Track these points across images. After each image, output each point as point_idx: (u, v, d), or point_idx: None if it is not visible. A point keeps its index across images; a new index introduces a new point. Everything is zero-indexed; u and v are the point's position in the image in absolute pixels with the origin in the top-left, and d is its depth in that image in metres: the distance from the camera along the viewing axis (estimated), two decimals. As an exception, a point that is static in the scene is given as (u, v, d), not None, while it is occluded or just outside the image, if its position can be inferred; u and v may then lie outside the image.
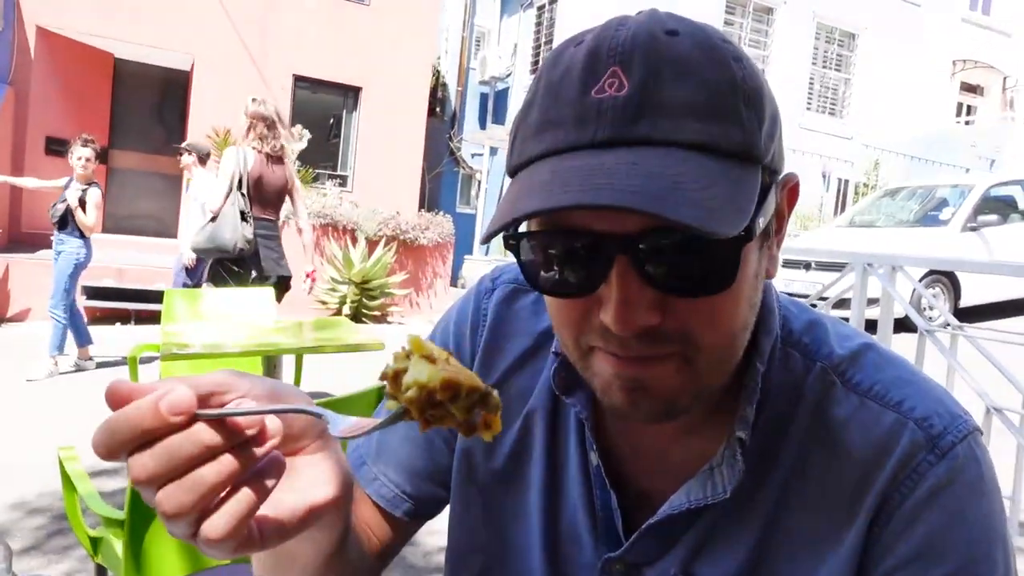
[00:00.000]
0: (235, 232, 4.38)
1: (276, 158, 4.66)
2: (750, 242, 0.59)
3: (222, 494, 0.48)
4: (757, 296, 0.66)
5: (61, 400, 5.29)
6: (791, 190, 0.69)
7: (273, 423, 0.50)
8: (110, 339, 7.13)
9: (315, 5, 10.84)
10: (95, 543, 2.09)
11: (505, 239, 0.64)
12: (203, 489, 0.47)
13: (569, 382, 0.74)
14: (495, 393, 0.52)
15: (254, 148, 4.58)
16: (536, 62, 15.10)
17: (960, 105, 15.97)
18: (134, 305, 8.26)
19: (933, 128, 14.23)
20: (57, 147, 9.65)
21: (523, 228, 0.64)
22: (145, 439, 0.46)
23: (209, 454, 0.47)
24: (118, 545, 1.97)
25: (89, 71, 10.42)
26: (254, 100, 4.68)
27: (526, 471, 0.82)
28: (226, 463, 0.47)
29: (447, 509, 0.90)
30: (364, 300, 9.43)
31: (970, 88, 15.92)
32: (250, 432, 0.48)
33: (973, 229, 9.09)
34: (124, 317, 8.31)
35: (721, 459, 0.69)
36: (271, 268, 4.61)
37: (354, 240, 9.80)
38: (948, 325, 3.85)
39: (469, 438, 0.51)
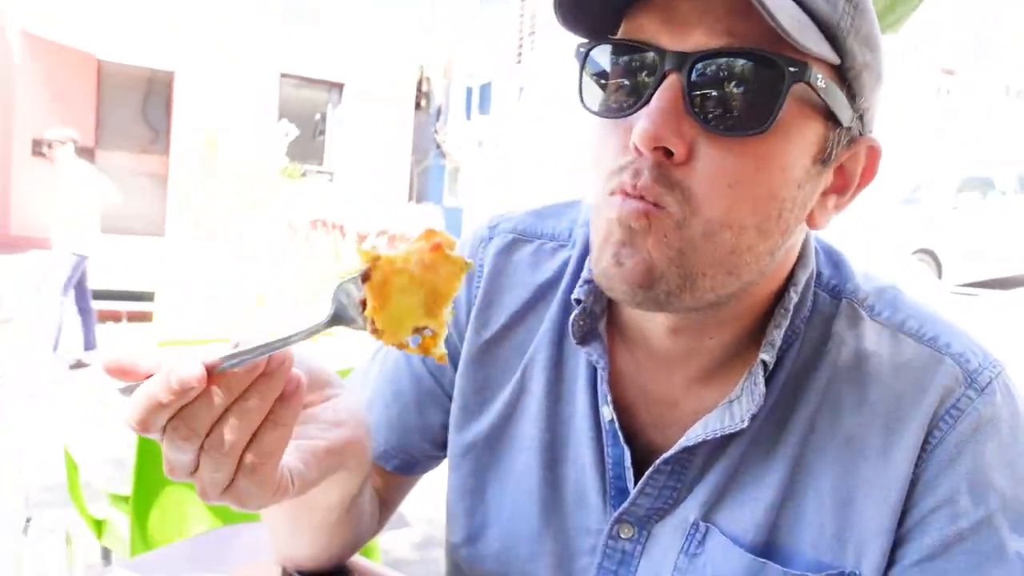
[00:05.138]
0: None
1: None
2: (800, 83, 0.57)
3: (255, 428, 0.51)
4: (791, 213, 0.62)
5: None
6: (870, 155, 0.66)
7: (276, 356, 0.51)
8: (104, 339, 7.15)
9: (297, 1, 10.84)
10: (99, 525, 2.16)
11: (576, 48, 0.65)
12: (239, 429, 0.50)
13: (587, 330, 0.72)
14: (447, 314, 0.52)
15: None
16: (519, 54, 15.13)
17: (939, 88, 16.12)
18: (126, 305, 8.27)
19: (913, 109, 14.37)
20: (43, 148, 9.65)
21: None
22: (172, 412, 0.49)
23: (231, 401, 0.50)
24: (122, 526, 2.04)
25: (74, 73, 10.40)
26: None
27: (519, 428, 0.79)
28: (249, 403, 0.50)
29: None
30: (355, 294, 9.48)
31: (947, 71, 16.08)
32: (257, 373, 0.50)
33: (954, 208, 9.25)
34: (115, 317, 8.33)
35: (740, 391, 0.67)
36: None
37: (343, 234, 9.84)
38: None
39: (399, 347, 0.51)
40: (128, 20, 9.84)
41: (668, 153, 0.58)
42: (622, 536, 0.73)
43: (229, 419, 0.50)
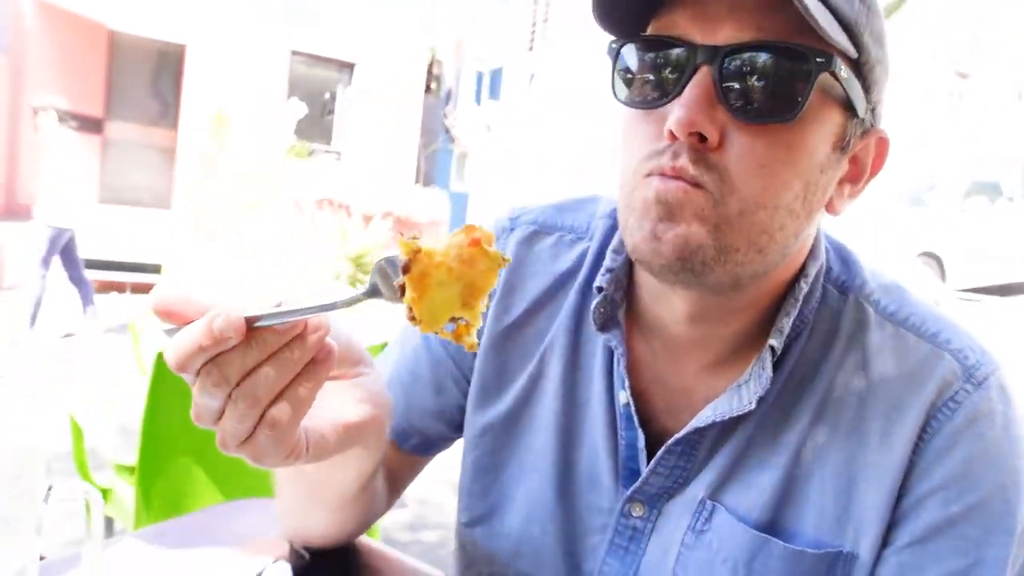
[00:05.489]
0: None
1: None
2: (826, 72, 0.61)
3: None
4: (814, 196, 0.66)
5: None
6: (879, 149, 0.71)
7: (313, 322, 0.53)
8: (106, 309, 7.18)
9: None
10: (104, 494, 2.18)
11: (609, 45, 0.69)
12: (271, 380, 0.52)
13: (607, 317, 0.76)
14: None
15: None
16: (532, 40, 15.04)
17: (951, 92, 16.02)
18: (130, 276, 8.29)
19: (924, 112, 14.28)
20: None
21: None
22: (209, 356, 0.51)
23: (266, 356, 0.52)
24: (127, 495, 2.07)
25: (85, 43, 10.36)
26: None
27: (536, 411, 0.82)
28: (284, 359, 0.52)
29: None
30: (359, 275, 9.49)
31: (961, 75, 15.96)
32: (295, 332, 0.52)
33: (961, 212, 9.23)
34: (119, 288, 8.34)
35: (749, 376, 0.70)
36: None
37: (349, 215, 9.84)
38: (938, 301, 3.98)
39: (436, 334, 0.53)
40: (141, -9, 9.81)
41: (702, 139, 0.62)
42: (633, 514, 0.76)
43: (260, 372, 0.52)
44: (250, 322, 0.51)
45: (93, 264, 8.14)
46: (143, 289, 8.12)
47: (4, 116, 9.35)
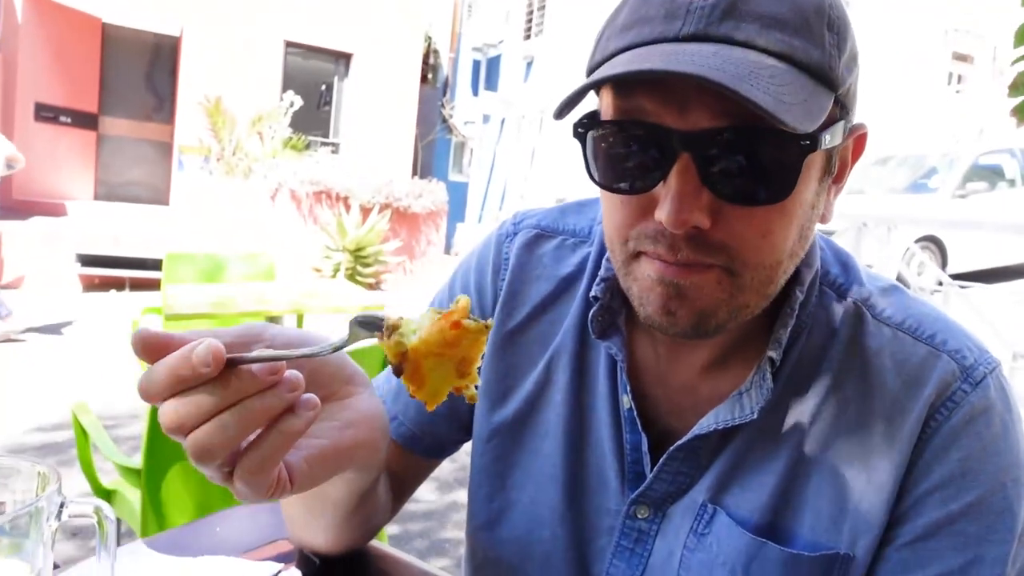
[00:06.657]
0: None
1: None
2: (813, 152, 0.60)
3: (251, 437, 0.51)
4: (809, 229, 0.67)
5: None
6: (858, 139, 0.71)
7: (293, 375, 0.51)
8: (106, 306, 7.18)
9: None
10: (109, 495, 2.17)
11: (575, 127, 0.65)
12: (229, 432, 0.49)
13: (606, 325, 0.76)
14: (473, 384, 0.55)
15: None
16: (528, 28, 14.96)
17: (951, 75, 15.95)
18: (129, 272, 8.28)
19: (924, 96, 14.22)
20: (46, 113, 9.61)
21: (595, 118, 0.66)
22: (180, 387, 0.49)
23: (234, 400, 0.49)
24: (132, 496, 2.06)
25: (78, 36, 10.28)
26: None
27: (543, 416, 0.82)
28: (249, 408, 0.50)
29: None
30: (358, 267, 9.48)
31: (961, 57, 15.88)
32: (271, 379, 0.50)
33: (962, 196, 9.21)
34: (119, 284, 8.33)
35: (750, 384, 0.71)
36: None
37: (347, 207, 9.81)
38: (940, 283, 3.99)
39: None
40: (133, -16, 9.71)
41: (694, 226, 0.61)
42: (639, 516, 0.77)
43: (224, 417, 0.50)
44: (230, 362, 0.49)
45: (92, 260, 8.13)
46: (142, 285, 8.11)
47: (-2, 112, 9.28)
